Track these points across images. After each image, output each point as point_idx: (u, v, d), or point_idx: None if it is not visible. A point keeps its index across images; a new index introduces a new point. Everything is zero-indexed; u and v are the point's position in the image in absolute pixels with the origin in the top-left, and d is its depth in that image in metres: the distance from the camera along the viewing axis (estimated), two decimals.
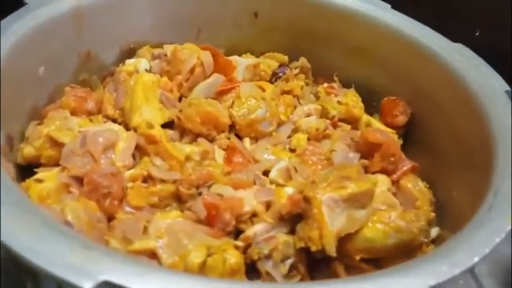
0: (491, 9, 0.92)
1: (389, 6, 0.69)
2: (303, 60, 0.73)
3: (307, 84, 0.73)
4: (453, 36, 0.68)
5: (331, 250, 0.45)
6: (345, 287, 0.34)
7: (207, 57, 0.66)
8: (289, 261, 0.47)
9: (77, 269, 0.30)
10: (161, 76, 0.64)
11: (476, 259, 0.36)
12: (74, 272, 0.29)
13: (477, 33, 0.95)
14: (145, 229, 0.45)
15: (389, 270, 0.36)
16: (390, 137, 0.59)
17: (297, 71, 0.72)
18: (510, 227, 0.38)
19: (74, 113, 0.58)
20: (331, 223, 0.46)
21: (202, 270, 0.42)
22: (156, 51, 0.67)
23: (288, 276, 0.47)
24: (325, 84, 0.71)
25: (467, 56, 0.60)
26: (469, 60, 0.59)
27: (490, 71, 0.58)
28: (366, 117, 0.67)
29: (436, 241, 0.54)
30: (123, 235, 0.43)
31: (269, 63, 0.73)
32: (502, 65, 0.91)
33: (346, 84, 0.73)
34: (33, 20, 0.55)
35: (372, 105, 0.70)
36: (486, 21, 0.94)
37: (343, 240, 0.47)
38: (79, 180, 0.49)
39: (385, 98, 0.68)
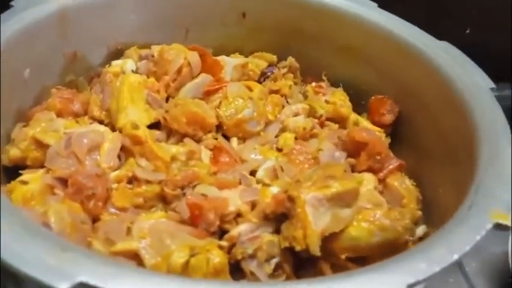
0: (482, 8, 0.92)
1: (375, 5, 0.69)
2: (291, 60, 0.73)
3: (295, 83, 0.73)
4: (443, 35, 0.68)
5: (315, 250, 0.45)
6: (324, 285, 0.34)
7: (194, 57, 0.66)
8: (274, 261, 0.47)
9: (54, 270, 0.30)
10: (148, 77, 0.64)
11: (456, 256, 0.36)
12: (51, 273, 0.29)
13: (468, 31, 0.96)
14: (129, 230, 0.45)
15: (369, 268, 0.36)
16: (376, 136, 0.59)
17: (285, 70, 0.72)
18: (490, 225, 0.38)
19: (60, 114, 0.58)
20: (315, 222, 0.46)
21: (185, 270, 0.42)
22: (144, 52, 0.66)
23: (273, 275, 0.47)
24: (314, 84, 0.71)
25: (452, 54, 0.60)
26: (455, 58, 0.59)
27: (475, 68, 0.58)
28: (353, 116, 0.67)
29: (423, 239, 0.54)
30: (106, 236, 0.43)
31: (258, 62, 0.73)
32: (492, 63, 0.92)
33: (334, 83, 0.73)
34: (18, 22, 0.55)
35: (360, 104, 0.70)
36: (477, 19, 0.94)
37: (328, 239, 0.47)
38: (63, 181, 0.49)
39: (373, 97, 0.68)
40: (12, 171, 0.53)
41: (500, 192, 0.42)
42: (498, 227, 0.38)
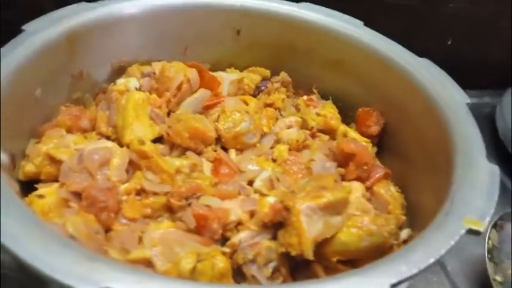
0: (463, 20, 0.98)
1: (361, 23, 0.73)
2: (283, 75, 0.78)
3: (288, 96, 0.77)
4: (426, 46, 0.73)
5: (309, 254, 0.49)
6: (317, 286, 0.38)
7: (193, 74, 0.70)
8: (272, 265, 0.52)
9: (83, 278, 0.34)
10: (150, 93, 0.68)
11: (432, 260, 0.40)
12: (80, 280, 0.34)
13: (449, 43, 1.02)
14: (140, 239, 0.49)
15: (356, 270, 0.41)
16: (364, 147, 0.64)
17: (278, 84, 0.77)
18: (464, 231, 0.43)
19: (69, 130, 0.62)
20: (308, 230, 0.50)
21: (193, 275, 0.47)
22: (146, 69, 0.71)
23: (271, 278, 0.52)
24: (305, 97, 0.76)
25: (432, 71, 0.65)
26: (434, 75, 0.64)
27: (453, 84, 0.63)
28: (342, 128, 0.72)
29: (408, 242, 0.59)
30: (121, 245, 0.47)
31: (252, 77, 0.78)
32: (472, 72, 0.98)
33: (324, 96, 0.78)
34: (30, 46, 0.59)
35: (348, 115, 0.75)
36: (457, 31, 1.00)
37: (321, 244, 0.52)
38: (77, 195, 0.53)
39: (360, 109, 0.72)
40: (27, 185, 0.57)
41: (473, 200, 0.47)
42: (471, 232, 0.43)
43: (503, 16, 0.97)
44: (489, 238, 0.66)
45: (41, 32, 0.62)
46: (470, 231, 0.43)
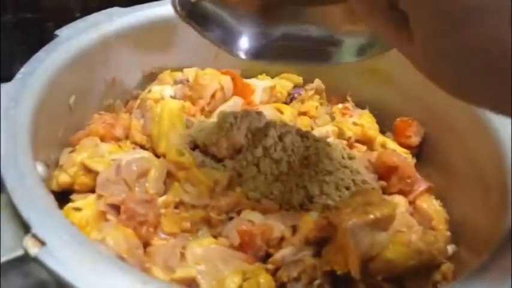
0: None
1: None
2: (317, 82, 0.76)
3: (321, 104, 0.75)
4: None
5: (356, 274, 0.47)
6: None
7: (227, 81, 0.69)
8: (316, 283, 0.50)
9: None
10: (184, 101, 0.66)
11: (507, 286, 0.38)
12: None
13: None
14: (182, 255, 0.48)
15: None
16: (406, 160, 0.62)
17: (312, 92, 0.75)
18: None
19: (102, 139, 0.61)
20: (355, 248, 0.48)
21: None
22: (178, 76, 0.69)
23: None
24: (340, 105, 0.74)
25: None
26: None
27: None
28: (380, 138, 0.70)
29: (452, 258, 0.57)
30: (164, 263, 0.46)
31: (284, 84, 0.76)
32: None
33: (358, 104, 0.75)
34: (64, 52, 0.57)
35: (385, 124, 0.73)
36: None
37: (366, 261, 0.50)
38: (115, 207, 0.51)
39: (398, 119, 0.70)
40: (59, 195, 0.56)
41: None
42: None
43: None
44: None
45: (75, 38, 0.60)
46: None
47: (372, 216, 0.50)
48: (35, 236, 0.36)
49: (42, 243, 0.36)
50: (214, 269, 0.46)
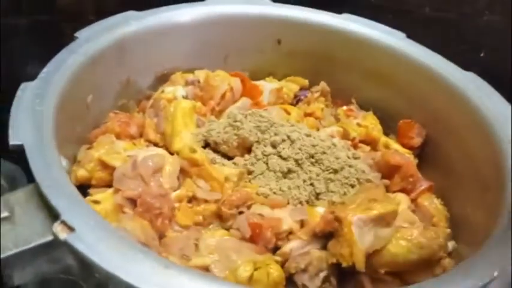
0: (495, 32, 0.98)
1: (404, 35, 0.74)
2: (323, 84, 0.78)
3: (326, 106, 0.78)
4: (459, 58, 0.73)
5: (361, 266, 0.50)
6: None
7: (236, 83, 0.72)
8: (322, 274, 0.53)
9: (162, 285, 0.35)
10: (195, 101, 0.69)
11: (496, 273, 0.41)
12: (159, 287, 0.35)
13: (482, 55, 1.02)
14: (196, 246, 0.50)
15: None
16: (409, 159, 0.64)
17: (317, 94, 0.78)
18: None
19: (118, 137, 0.63)
20: (360, 241, 0.51)
21: (249, 282, 0.47)
22: (190, 77, 0.72)
23: (321, 287, 0.52)
24: (345, 107, 0.77)
25: (478, 85, 0.65)
26: (481, 89, 0.65)
27: (500, 99, 0.63)
28: (384, 139, 0.72)
29: (452, 254, 0.59)
30: (180, 252, 0.48)
31: (290, 86, 0.79)
32: (506, 85, 0.98)
33: (363, 106, 0.78)
34: (84, 54, 0.60)
35: (388, 126, 0.75)
36: (490, 43, 1.00)
37: (370, 256, 0.52)
38: (132, 201, 0.54)
39: (401, 121, 0.73)
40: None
41: None
42: None
43: None
44: None
45: (93, 40, 0.63)
46: None
47: (375, 212, 0.53)
48: (64, 222, 0.39)
49: (71, 229, 0.38)
50: (226, 259, 0.48)
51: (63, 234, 0.38)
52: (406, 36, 0.75)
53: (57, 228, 0.39)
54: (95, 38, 0.63)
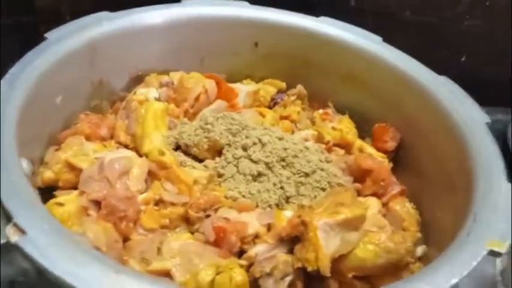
0: (477, 37, 0.99)
1: (380, 39, 0.74)
2: (300, 87, 0.78)
3: (303, 109, 0.78)
4: (440, 62, 0.73)
5: (326, 271, 0.49)
6: None
7: (211, 85, 0.71)
8: (288, 279, 0.52)
9: None
10: (168, 103, 0.69)
11: (454, 280, 0.41)
12: None
13: (463, 59, 1.02)
14: (159, 250, 0.50)
15: None
16: (381, 163, 0.64)
17: (294, 97, 0.77)
18: (485, 252, 0.43)
19: (88, 138, 0.63)
20: (326, 246, 0.50)
21: (211, 287, 0.47)
22: (164, 79, 0.71)
23: None
24: (321, 111, 0.76)
25: (451, 89, 0.65)
26: (453, 93, 0.64)
27: (473, 103, 0.63)
28: (358, 143, 0.72)
29: (422, 259, 0.59)
30: (141, 256, 0.48)
31: (267, 89, 0.78)
32: (486, 89, 0.98)
33: (339, 110, 0.78)
34: (53, 54, 0.60)
35: (364, 130, 0.75)
36: (471, 48, 1.00)
37: (337, 260, 0.52)
38: (97, 203, 0.53)
39: (376, 125, 0.73)
40: (43, 191, 0.58)
41: (495, 222, 0.47)
42: (492, 253, 0.43)
43: None
44: (500, 260, 0.66)
45: (64, 40, 0.62)
46: (492, 253, 0.43)
47: (342, 216, 0.52)
48: (16, 225, 0.38)
49: (23, 232, 0.38)
50: (189, 263, 0.48)
51: (14, 237, 0.38)
52: (383, 39, 0.75)
53: (10, 230, 0.38)
54: (65, 38, 0.62)
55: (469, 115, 0.61)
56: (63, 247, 0.38)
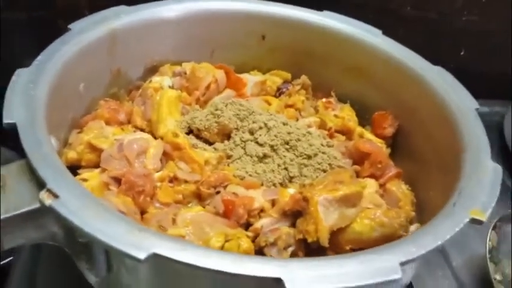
0: (476, 32, 1.03)
1: (380, 32, 0.78)
2: (304, 78, 0.83)
3: (307, 98, 0.82)
4: (440, 56, 0.77)
5: (325, 242, 0.54)
6: (332, 262, 0.43)
7: (220, 75, 0.76)
8: (290, 249, 0.57)
9: (135, 245, 0.39)
10: (181, 91, 0.74)
11: (439, 242, 0.45)
12: (133, 247, 0.39)
13: (462, 53, 1.06)
14: (174, 221, 0.55)
15: (370, 250, 0.46)
16: (378, 147, 0.69)
17: (298, 87, 0.82)
18: (468, 219, 0.48)
19: (107, 123, 0.68)
20: (325, 219, 0.55)
21: None
22: (177, 69, 0.76)
23: None
24: (324, 99, 0.81)
25: (445, 78, 0.70)
26: (447, 82, 0.69)
27: (464, 90, 0.67)
28: (359, 129, 0.77)
29: None
30: (158, 224, 0.53)
31: (274, 79, 0.83)
32: (484, 83, 1.03)
33: (342, 99, 0.82)
34: (76, 44, 0.65)
35: (364, 118, 0.80)
36: (470, 42, 1.05)
37: (336, 233, 0.57)
38: (117, 180, 0.58)
39: (376, 112, 0.77)
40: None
41: (478, 194, 0.51)
42: (474, 221, 0.48)
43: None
44: (489, 239, 0.70)
45: (86, 31, 0.68)
46: (474, 221, 0.48)
47: (341, 193, 0.57)
48: (49, 190, 0.43)
49: (56, 196, 0.43)
50: (200, 231, 0.53)
51: (48, 201, 0.43)
52: (384, 34, 0.79)
53: (44, 195, 0.44)
54: (87, 29, 0.68)
55: (460, 101, 0.65)
56: (92, 209, 0.43)
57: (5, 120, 0.50)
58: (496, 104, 1.11)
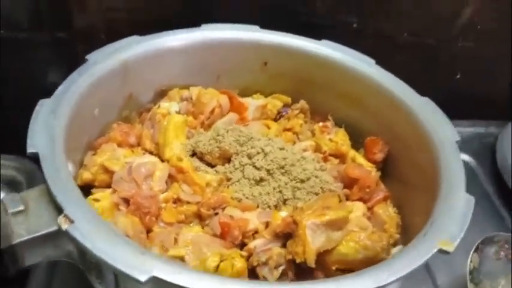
0: (470, 57, 1.07)
1: (373, 61, 0.84)
2: (302, 102, 0.88)
3: (305, 122, 0.88)
4: (435, 80, 0.82)
5: (311, 263, 0.60)
6: (318, 285, 0.49)
7: (224, 100, 0.82)
8: (281, 268, 0.62)
9: (138, 268, 0.46)
10: (187, 115, 0.80)
11: (407, 270, 0.51)
12: (135, 269, 0.46)
13: (458, 77, 1.11)
14: (175, 240, 0.61)
15: (349, 275, 0.51)
16: (367, 172, 0.74)
17: (297, 111, 0.88)
18: (436, 250, 0.53)
19: (119, 145, 0.74)
20: (312, 242, 0.61)
21: (216, 271, 0.58)
22: (184, 94, 0.83)
23: (279, 279, 0.62)
24: (321, 123, 0.86)
25: (431, 109, 0.75)
26: (433, 113, 0.74)
27: (447, 122, 0.72)
28: (352, 153, 0.82)
29: None
30: (160, 244, 0.59)
31: (275, 103, 0.89)
32: (479, 106, 1.07)
33: (337, 123, 0.88)
34: (92, 75, 0.71)
35: (358, 142, 0.85)
36: (465, 66, 1.09)
37: (323, 254, 0.62)
38: (126, 200, 0.64)
39: (368, 138, 0.82)
40: (82, 189, 0.69)
41: (449, 224, 0.57)
42: (442, 251, 0.53)
43: (504, 55, 1.06)
44: (471, 261, 0.75)
45: (101, 62, 0.74)
46: (441, 251, 0.53)
47: (328, 217, 0.63)
48: (66, 216, 0.50)
49: (71, 221, 0.50)
50: (199, 251, 0.59)
51: (65, 225, 0.49)
52: (383, 59, 0.84)
53: (61, 220, 0.50)
54: (102, 60, 0.74)
55: (443, 133, 0.70)
56: (101, 233, 0.49)
57: (29, 150, 0.57)
58: (492, 125, 1.15)
